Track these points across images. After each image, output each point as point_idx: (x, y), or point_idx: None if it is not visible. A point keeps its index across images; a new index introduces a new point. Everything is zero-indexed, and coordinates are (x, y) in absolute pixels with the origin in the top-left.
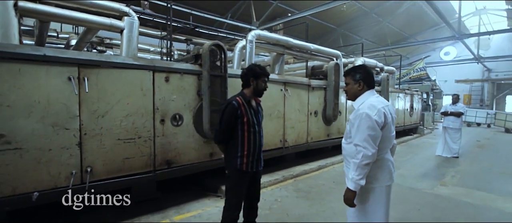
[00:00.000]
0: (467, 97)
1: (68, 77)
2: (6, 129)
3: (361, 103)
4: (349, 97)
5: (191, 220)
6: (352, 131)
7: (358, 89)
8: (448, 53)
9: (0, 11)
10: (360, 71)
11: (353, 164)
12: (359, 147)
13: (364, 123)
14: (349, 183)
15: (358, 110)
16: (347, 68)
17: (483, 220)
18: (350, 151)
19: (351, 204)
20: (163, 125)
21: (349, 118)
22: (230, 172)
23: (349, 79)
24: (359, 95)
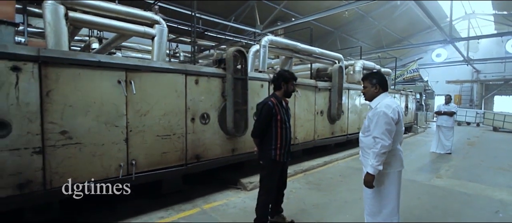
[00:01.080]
0: (457, 97)
1: (118, 80)
2: (69, 126)
3: (378, 103)
4: (366, 98)
5: (219, 209)
6: (371, 126)
7: (374, 92)
8: (439, 55)
9: (53, 21)
10: (376, 77)
11: (373, 152)
12: (378, 139)
13: (382, 119)
14: (368, 169)
15: (376, 109)
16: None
17: (475, 206)
18: (368, 142)
19: (370, 186)
20: (193, 123)
21: (367, 115)
22: (265, 162)
23: (367, 83)
24: (375, 96)
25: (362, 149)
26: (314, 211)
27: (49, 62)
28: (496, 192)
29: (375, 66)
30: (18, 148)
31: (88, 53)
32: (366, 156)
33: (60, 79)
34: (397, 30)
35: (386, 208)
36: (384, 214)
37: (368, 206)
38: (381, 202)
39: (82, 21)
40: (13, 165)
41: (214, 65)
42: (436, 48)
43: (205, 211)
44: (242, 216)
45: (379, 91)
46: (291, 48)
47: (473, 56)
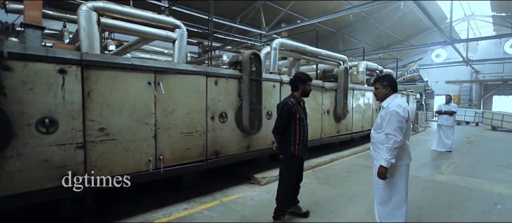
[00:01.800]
0: (456, 97)
1: (148, 81)
2: (106, 123)
3: (389, 103)
4: (378, 99)
5: (237, 201)
6: (384, 123)
7: (385, 93)
8: (439, 55)
9: (87, 27)
10: (387, 79)
11: (386, 148)
12: (390, 135)
13: (394, 118)
14: (382, 162)
15: (388, 108)
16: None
17: (475, 199)
18: (380, 138)
19: (383, 177)
20: (213, 121)
21: (380, 113)
22: (285, 156)
23: (379, 85)
24: (386, 97)
25: (374, 144)
26: (326, 203)
27: (90, 65)
28: (494, 186)
29: (378, 67)
30: (64, 143)
31: (123, 57)
32: (377, 150)
33: (99, 80)
34: (397, 31)
35: (395, 197)
36: (394, 202)
37: (379, 195)
38: (391, 191)
39: (112, 26)
40: (60, 159)
41: (230, 67)
42: (435, 49)
43: (225, 203)
44: (260, 207)
45: (389, 92)
46: (300, 50)
47: (472, 57)
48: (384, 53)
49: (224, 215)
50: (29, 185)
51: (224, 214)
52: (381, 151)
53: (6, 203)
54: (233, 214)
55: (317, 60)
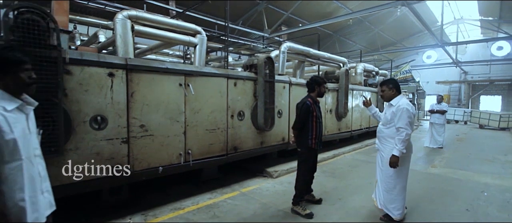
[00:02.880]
0: (446, 97)
1: (179, 83)
2: (145, 120)
3: (397, 102)
4: (385, 99)
5: (255, 192)
6: (395, 119)
7: (392, 94)
8: (430, 56)
9: (123, 33)
10: (392, 82)
11: (398, 139)
12: (402, 128)
13: (405, 114)
14: (395, 152)
15: (399, 106)
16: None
17: (465, 188)
18: (390, 133)
19: (396, 165)
20: (232, 119)
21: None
22: (303, 149)
23: (385, 87)
24: (393, 97)
25: (382, 138)
26: (335, 193)
27: (133, 69)
28: (482, 177)
29: (374, 69)
30: (111, 138)
31: (159, 61)
32: (385, 143)
33: (140, 82)
34: (391, 33)
35: (399, 184)
36: (398, 188)
37: (385, 183)
38: (396, 179)
39: (143, 32)
40: (108, 152)
41: (245, 69)
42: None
43: (244, 194)
44: (276, 197)
45: (395, 94)
46: (305, 53)
47: (461, 59)
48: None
49: (246, 203)
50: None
51: (246, 202)
52: (389, 143)
53: (66, 191)
54: (254, 202)
55: (320, 62)
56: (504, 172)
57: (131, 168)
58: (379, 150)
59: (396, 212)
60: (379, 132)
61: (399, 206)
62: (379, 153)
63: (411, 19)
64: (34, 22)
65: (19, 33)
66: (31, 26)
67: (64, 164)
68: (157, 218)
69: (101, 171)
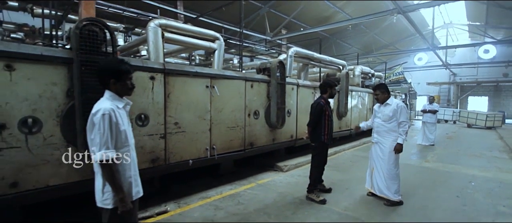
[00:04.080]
0: (437, 97)
1: (206, 85)
2: (179, 118)
3: (392, 101)
4: (380, 102)
5: (270, 183)
6: (396, 115)
7: (385, 96)
8: (421, 58)
9: (154, 39)
10: (384, 87)
11: (402, 131)
12: (404, 122)
13: (404, 110)
14: (399, 140)
15: (398, 104)
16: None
17: (455, 179)
18: (391, 127)
19: (401, 151)
20: (249, 118)
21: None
22: (317, 144)
23: (379, 91)
24: (386, 99)
25: (382, 132)
26: (341, 183)
27: (169, 73)
28: (469, 170)
29: (371, 71)
30: (152, 134)
31: (190, 66)
32: (385, 136)
33: (175, 85)
34: (384, 36)
35: (397, 170)
36: (397, 174)
37: (388, 171)
38: (396, 165)
39: (172, 39)
40: (149, 146)
41: (258, 72)
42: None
43: (261, 185)
44: (290, 187)
45: (387, 96)
46: (309, 57)
47: (451, 61)
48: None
49: (264, 192)
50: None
51: (264, 192)
52: (390, 136)
53: None
54: (272, 192)
55: (322, 65)
56: (489, 166)
57: (166, 161)
58: (378, 143)
59: (397, 195)
60: (380, 127)
61: (398, 189)
62: (377, 146)
63: (404, 23)
64: (93, 32)
65: (83, 42)
66: (91, 35)
67: None
68: (189, 205)
69: (145, 162)
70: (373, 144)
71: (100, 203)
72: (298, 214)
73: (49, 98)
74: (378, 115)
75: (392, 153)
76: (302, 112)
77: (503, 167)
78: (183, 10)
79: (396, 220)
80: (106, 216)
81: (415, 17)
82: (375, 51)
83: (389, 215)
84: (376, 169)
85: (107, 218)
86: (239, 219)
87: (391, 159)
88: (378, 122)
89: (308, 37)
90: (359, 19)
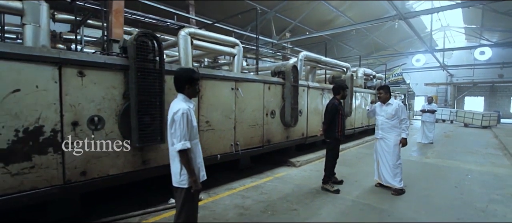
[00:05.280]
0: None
1: (231, 88)
2: (209, 117)
3: (393, 101)
4: (382, 101)
5: (285, 177)
6: (398, 113)
7: (387, 96)
8: (419, 60)
9: (185, 47)
10: (387, 88)
11: (405, 126)
12: (406, 119)
13: (404, 109)
14: (403, 135)
15: (399, 104)
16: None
17: (453, 172)
18: (394, 124)
19: (406, 144)
20: (267, 117)
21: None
22: (331, 140)
23: (382, 91)
24: (388, 99)
25: (386, 129)
26: (350, 177)
27: (202, 76)
28: (466, 165)
29: (372, 72)
30: None
31: (218, 70)
32: (389, 132)
33: (206, 87)
34: (384, 39)
35: (400, 161)
36: (400, 164)
37: (393, 162)
38: (399, 157)
39: (199, 46)
40: None
41: (273, 75)
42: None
43: (278, 178)
44: (305, 180)
45: (389, 96)
46: (317, 60)
47: (448, 62)
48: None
49: (283, 184)
50: None
51: (282, 184)
52: (393, 132)
53: (158, 171)
54: (289, 184)
55: (328, 68)
56: (484, 161)
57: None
58: (383, 138)
59: (401, 183)
60: (384, 124)
61: (401, 178)
62: (382, 141)
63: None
64: (144, 43)
65: (137, 51)
66: (143, 45)
67: (164, 149)
68: (218, 195)
69: None
70: (377, 139)
71: (177, 184)
72: (316, 201)
73: (110, 99)
74: (381, 113)
75: (396, 146)
76: (311, 111)
77: (496, 162)
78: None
79: (403, 206)
80: (181, 194)
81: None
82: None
83: (397, 202)
84: (381, 161)
85: (183, 195)
86: (266, 206)
87: (395, 152)
88: (381, 120)
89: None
90: (363, 25)
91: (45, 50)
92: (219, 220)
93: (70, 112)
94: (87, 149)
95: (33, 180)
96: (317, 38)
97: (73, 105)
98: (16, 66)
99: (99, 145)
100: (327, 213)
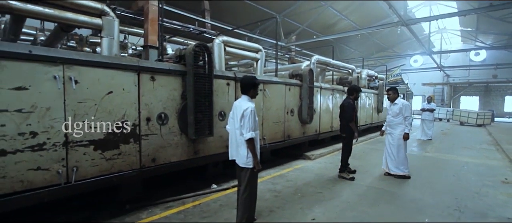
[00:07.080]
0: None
1: (260, 89)
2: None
3: (400, 101)
4: (391, 100)
5: (303, 168)
6: (402, 111)
7: (395, 96)
8: (416, 60)
9: (219, 53)
10: (395, 89)
11: (408, 123)
12: (409, 116)
13: (408, 107)
14: (406, 130)
15: (403, 103)
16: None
17: (451, 164)
18: (398, 121)
19: (408, 139)
20: (287, 115)
21: (398, 107)
22: (347, 134)
23: (391, 92)
24: (396, 99)
25: (392, 125)
26: (361, 168)
27: (238, 79)
28: (463, 158)
29: (374, 74)
30: (224, 126)
31: (235, 72)
32: (395, 128)
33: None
34: (384, 40)
35: (405, 152)
36: (405, 154)
37: (397, 153)
38: (403, 148)
39: (230, 52)
40: (225, 136)
41: (291, 78)
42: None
43: (297, 169)
44: (322, 170)
45: (397, 96)
46: (327, 63)
47: (444, 63)
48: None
49: (303, 174)
50: (215, 150)
51: (303, 173)
52: (399, 128)
53: (211, 158)
54: (309, 173)
55: (335, 70)
56: (478, 155)
57: None
58: (390, 133)
59: (406, 170)
60: (391, 121)
61: (407, 166)
62: (389, 136)
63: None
64: (197, 52)
65: (193, 60)
66: (197, 54)
67: (210, 141)
68: None
69: (222, 148)
70: (386, 134)
71: (244, 164)
72: (336, 186)
73: (172, 100)
74: (389, 112)
75: (400, 140)
76: (324, 110)
77: (490, 156)
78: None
79: (410, 189)
80: (247, 173)
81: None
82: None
83: (404, 186)
84: (388, 153)
85: (248, 174)
86: (294, 190)
87: (400, 144)
88: (389, 117)
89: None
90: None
91: (129, 60)
92: (260, 199)
93: (145, 110)
94: (156, 140)
95: (120, 164)
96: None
97: (147, 104)
98: (110, 73)
99: (165, 137)
100: (348, 195)
